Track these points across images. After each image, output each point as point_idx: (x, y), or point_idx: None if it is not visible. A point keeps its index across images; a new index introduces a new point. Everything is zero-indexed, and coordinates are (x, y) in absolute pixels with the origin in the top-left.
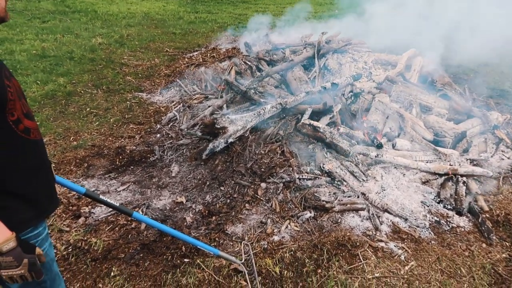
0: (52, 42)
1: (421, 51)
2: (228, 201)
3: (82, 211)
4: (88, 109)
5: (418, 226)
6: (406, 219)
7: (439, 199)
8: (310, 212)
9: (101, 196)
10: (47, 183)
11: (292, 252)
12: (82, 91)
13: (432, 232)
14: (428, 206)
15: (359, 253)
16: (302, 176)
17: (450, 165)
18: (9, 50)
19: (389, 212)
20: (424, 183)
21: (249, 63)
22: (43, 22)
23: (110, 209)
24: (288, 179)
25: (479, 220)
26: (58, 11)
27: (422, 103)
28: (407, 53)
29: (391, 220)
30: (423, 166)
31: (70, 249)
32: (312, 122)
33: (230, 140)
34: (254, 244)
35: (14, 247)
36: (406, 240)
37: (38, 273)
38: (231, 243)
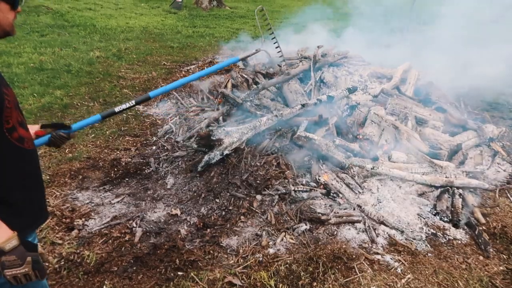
0: (50, 55)
1: (416, 65)
2: (223, 213)
3: (75, 223)
4: None
5: (414, 239)
6: (402, 232)
7: (435, 212)
8: (306, 225)
9: (115, 109)
10: (39, 193)
11: (287, 265)
12: (79, 104)
13: (428, 245)
14: (424, 219)
15: (355, 265)
16: (297, 188)
17: (446, 177)
18: (6, 63)
19: (385, 225)
20: (420, 195)
21: (245, 76)
22: (42, 35)
23: (104, 222)
24: (284, 191)
25: (476, 232)
26: (57, 25)
27: (417, 116)
28: (402, 66)
29: (387, 233)
30: (419, 178)
31: (63, 262)
32: (307, 134)
33: (226, 152)
34: (249, 257)
35: (17, 245)
36: (402, 253)
37: (41, 271)
38: (226, 256)
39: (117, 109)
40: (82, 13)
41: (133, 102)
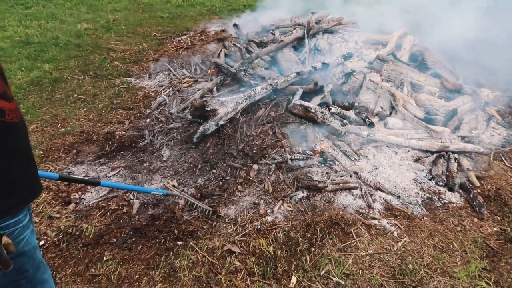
0: (36, 28)
1: (411, 30)
2: (221, 183)
3: (72, 197)
4: (75, 95)
5: (410, 203)
6: (398, 197)
7: (431, 176)
8: (303, 192)
9: (71, 176)
10: (27, 168)
11: (285, 232)
12: (69, 77)
13: (424, 209)
14: (420, 183)
15: (352, 231)
16: (294, 156)
17: (441, 142)
18: None
19: (381, 190)
20: (416, 160)
21: (238, 45)
22: (26, 8)
23: (101, 195)
24: (280, 160)
25: (471, 195)
26: None
27: (413, 82)
28: (398, 32)
29: (383, 198)
30: (415, 144)
31: (61, 235)
32: (303, 102)
33: (221, 122)
34: (247, 225)
35: None
36: (398, 217)
37: (4, 263)
38: (224, 225)
39: (73, 176)
40: None
41: (85, 178)
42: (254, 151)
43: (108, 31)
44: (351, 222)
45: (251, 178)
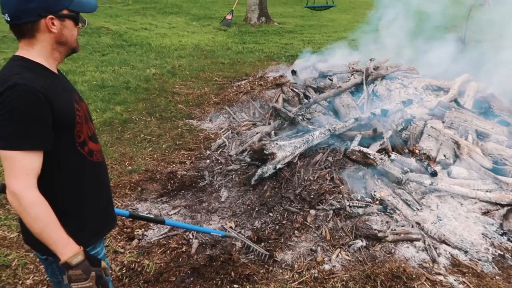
0: (111, 73)
1: (475, 76)
2: (277, 227)
3: (135, 233)
4: (142, 135)
5: (479, 260)
6: (466, 252)
7: (502, 231)
8: (362, 241)
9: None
10: (106, 203)
11: (343, 282)
12: (137, 119)
13: (495, 267)
14: (490, 239)
15: (415, 286)
16: (352, 203)
17: None
18: (72, 81)
19: (447, 244)
20: (484, 213)
21: (296, 91)
22: (103, 55)
23: (162, 232)
24: (338, 206)
25: None
26: (116, 45)
27: (478, 130)
28: (460, 78)
29: (449, 252)
30: (483, 195)
31: (124, 270)
32: (361, 148)
33: (279, 166)
34: (304, 273)
35: (82, 260)
36: (467, 274)
37: (104, 285)
38: (281, 271)
39: (141, 214)
40: (139, 33)
41: (152, 217)
42: (312, 196)
43: (174, 76)
44: (414, 276)
45: (308, 224)
